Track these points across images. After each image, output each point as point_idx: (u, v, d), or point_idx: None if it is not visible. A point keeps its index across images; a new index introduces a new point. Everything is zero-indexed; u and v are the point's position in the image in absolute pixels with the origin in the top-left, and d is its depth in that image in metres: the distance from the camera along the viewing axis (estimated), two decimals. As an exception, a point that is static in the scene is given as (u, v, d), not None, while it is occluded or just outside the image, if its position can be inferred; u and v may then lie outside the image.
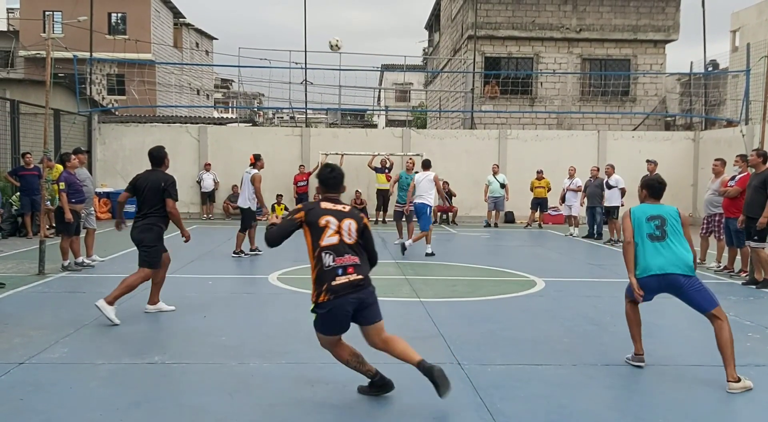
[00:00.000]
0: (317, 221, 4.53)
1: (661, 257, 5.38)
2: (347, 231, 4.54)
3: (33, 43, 31.36)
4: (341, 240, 4.51)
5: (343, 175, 4.87)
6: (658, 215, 5.52)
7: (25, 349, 5.67)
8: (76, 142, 17.56)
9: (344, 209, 4.64)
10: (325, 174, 4.80)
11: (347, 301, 4.48)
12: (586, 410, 4.54)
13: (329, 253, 4.50)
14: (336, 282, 4.45)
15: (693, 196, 20.37)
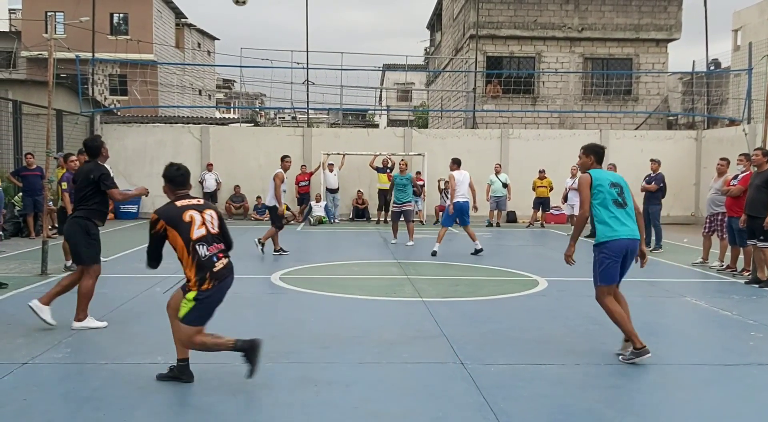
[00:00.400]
0: (181, 218, 4.75)
1: (626, 224, 5.58)
2: (210, 222, 4.85)
3: (35, 44, 31.37)
4: (208, 231, 4.80)
5: (188, 171, 5.10)
6: (618, 183, 5.73)
7: (28, 349, 5.68)
8: (78, 143, 17.53)
9: (200, 202, 4.96)
10: (172, 172, 4.99)
11: (226, 285, 4.85)
12: (589, 409, 4.53)
13: (202, 244, 4.75)
14: (216, 268, 4.74)
15: (695, 195, 20.35)
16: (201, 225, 4.78)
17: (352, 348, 5.93)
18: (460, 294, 8.76)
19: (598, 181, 5.69)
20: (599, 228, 5.68)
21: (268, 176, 19.87)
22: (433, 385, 4.99)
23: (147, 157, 19.97)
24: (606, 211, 5.62)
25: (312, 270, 10.54)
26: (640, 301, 8.40)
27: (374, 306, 7.90)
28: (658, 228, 13.20)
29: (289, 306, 7.90)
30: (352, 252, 12.84)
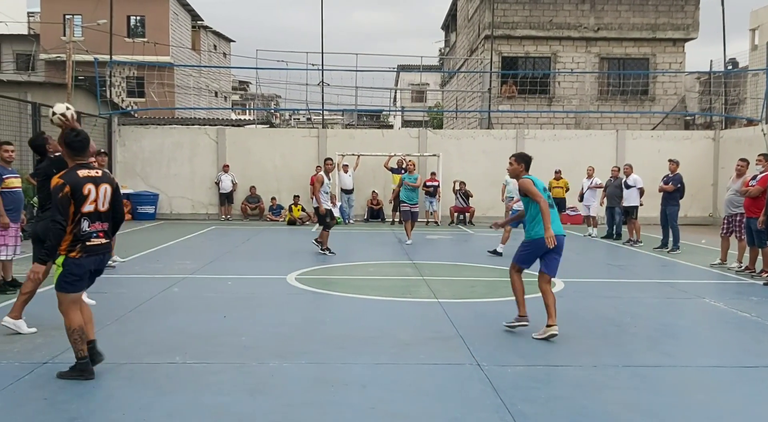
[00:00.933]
0: (81, 190, 4.88)
1: (556, 222, 6.52)
2: (102, 199, 5.00)
3: (53, 47, 31.72)
4: (96, 209, 4.97)
5: (88, 138, 5.14)
6: (546, 187, 6.72)
7: (48, 349, 5.74)
8: (96, 144, 17.70)
9: (98, 174, 5.04)
10: (70, 138, 5.03)
11: (94, 260, 5.02)
12: (606, 411, 4.51)
13: (86, 219, 4.92)
14: (90, 242, 4.95)
15: (713, 195, 20.17)
16: (92, 202, 4.94)
17: (368, 348, 5.93)
18: (476, 295, 8.74)
19: (537, 185, 6.55)
20: (537, 226, 6.47)
21: (283, 177, 20.15)
22: (450, 386, 4.98)
23: (164, 159, 20.11)
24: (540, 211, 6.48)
25: (327, 271, 10.56)
26: (658, 302, 8.36)
27: (390, 307, 7.90)
28: (676, 230, 13.09)
29: (305, 307, 7.93)
30: (367, 253, 12.85)
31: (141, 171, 20.07)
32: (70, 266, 4.91)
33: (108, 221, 5.12)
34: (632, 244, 14.31)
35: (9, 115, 14.89)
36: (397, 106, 45.39)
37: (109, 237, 5.14)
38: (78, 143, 5.05)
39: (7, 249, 8.15)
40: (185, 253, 12.44)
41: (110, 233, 5.17)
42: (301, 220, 18.75)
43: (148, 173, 20.06)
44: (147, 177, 20.06)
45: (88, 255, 4.95)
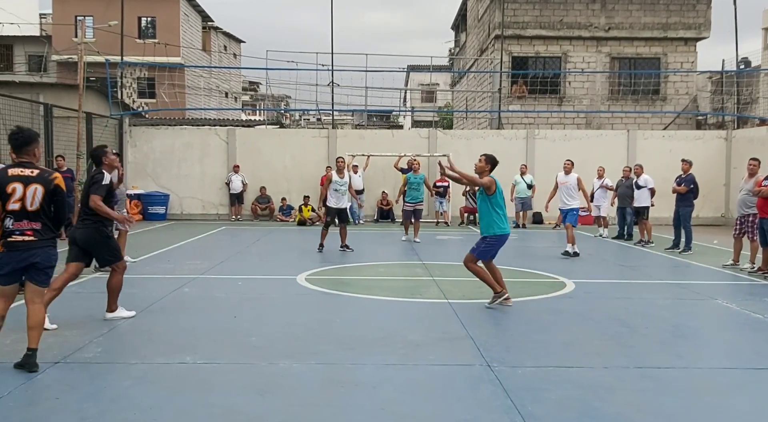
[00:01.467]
0: (5, 188, 4.99)
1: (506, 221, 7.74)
2: (31, 198, 5.01)
3: (65, 48, 31.91)
4: (23, 207, 5.02)
5: (31, 136, 5.23)
6: (502, 191, 7.71)
7: (60, 349, 5.77)
8: (108, 145, 17.81)
9: (32, 174, 5.06)
10: (10, 136, 5.18)
11: (17, 257, 5.08)
12: (618, 413, 4.48)
13: (10, 217, 5.03)
14: (12, 238, 5.04)
15: (725, 196, 20.03)
16: (17, 201, 5.01)
17: (377, 349, 5.93)
18: (486, 295, 8.69)
19: (498, 186, 7.63)
20: (495, 222, 7.58)
21: (293, 177, 20.17)
22: (460, 388, 4.97)
23: (175, 159, 20.19)
24: (501, 210, 7.65)
25: (337, 272, 10.56)
26: (670, 304, 8.31)
27: (399, 308, 7.89)
28: (688, 231, 13.01)
29: (315, 307, 7.93)
30: (376, 254, 12.85)
31: (152, 171, 20.15)
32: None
33: (40, 220, 5.12)
34: (644, 245, 14.23)
35: (21, 115, 14.99)
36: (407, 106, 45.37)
37: (42, 236, 5.14)
38: (14, 141, 5.18)
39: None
40: (196, 254, 12.48)
41: (45, 232, 5.16)
42: (311, 221, 18.76)
43: (158, 173, 20.14)
44: (158, 177, 20.14)
45: (10, 251, 5.06)
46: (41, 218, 5.12)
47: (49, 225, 5.19)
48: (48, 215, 5.16)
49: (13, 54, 36.82)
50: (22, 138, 5.18)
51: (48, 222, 5.18)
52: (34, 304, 5.25)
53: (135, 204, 19.04)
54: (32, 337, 5.17)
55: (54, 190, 5.14)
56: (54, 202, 5.16)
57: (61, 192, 5.17)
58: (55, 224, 5.25)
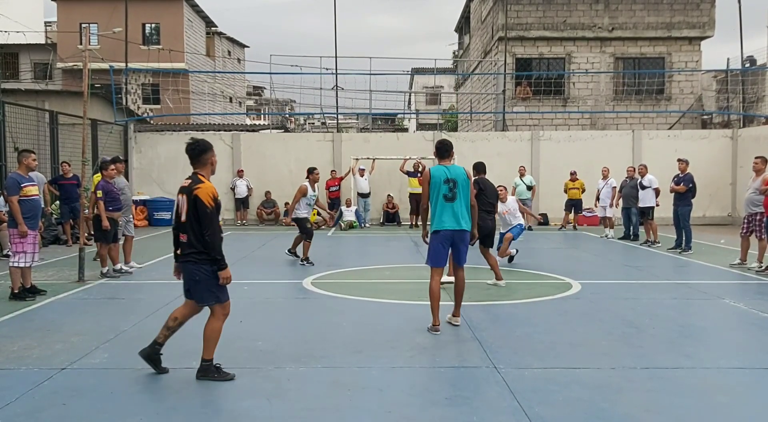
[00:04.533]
0: (177, 200, 5.08)
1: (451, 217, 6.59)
2: (182, 208, 5.00)
3: (70, 55, 32.06)
4: (179, 218, 5.04)
5: (205, 146, 5.15)
6: (453, 178, 6.60)
7: (67, 355, 5.78)
8: (113, 151, 17.89)
9: (185, 184, 5.05)
10: (188, 147, 5.14)
11: (182, 269, 5.13)
12: (625, 414, 4.46)
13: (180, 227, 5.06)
14: (177, 251, 5.13)
15: (732, 195, 19.95)
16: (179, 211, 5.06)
17: (384, 352, 5.92)
18: (492, 297, 8.70)
19: (433, 178, 6.65)
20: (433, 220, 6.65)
21: (298, 182, 19.98)
22: (467, 390, 4.95)
23: (180, 165, 20.16)
24: (437, 205, 6.62)
25: (343, 275, 10.56)
26: (677, 303, 8.27)
27: (406, 311, 7.88)
28: (688, 230, 12.98)
29: (321, 311, 7.92)
30: (383, 257, 12.83)
31: (157, 177, 20.21)
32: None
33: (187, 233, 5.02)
34: (650, 245, 14.18)
35: (27, 123, 15.06)
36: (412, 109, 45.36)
37: (184, 250, 5.06)
38: (190, 151, 5.15)
39: (26, 256, 8.23)
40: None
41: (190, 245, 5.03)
42: (317, 225, 18.76)
43: (164, 179, 20.18)
44: (163, 183, 20.18)
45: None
46: (188, 230, 5.00)
47: (194, 239, 4.97)
48: (192, 227, 4.98)
49: (19, 62, 36.99)
50: (197, 148, 5.12)
51: (193, 235, 4.97)
52: (209, 319, 5.21)
53: (140, 210, 19.09)
54: (204, 348, 5.17)
55: (195, 200, 4.95)
56: (196, 213, 4.95)
57: (202, 204, 4.92)
58: (200, 237, 4.98)
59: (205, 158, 5.14)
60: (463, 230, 6.64)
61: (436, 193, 6.61)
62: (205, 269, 5.00)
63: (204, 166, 5.15)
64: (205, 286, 5.04)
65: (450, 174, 6.64)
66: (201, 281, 5.02)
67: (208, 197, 4.93)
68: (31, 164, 8.43)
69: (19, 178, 8.23)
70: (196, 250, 4.98)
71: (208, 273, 5.01)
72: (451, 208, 6.56)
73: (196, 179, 5.04)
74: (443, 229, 6.59)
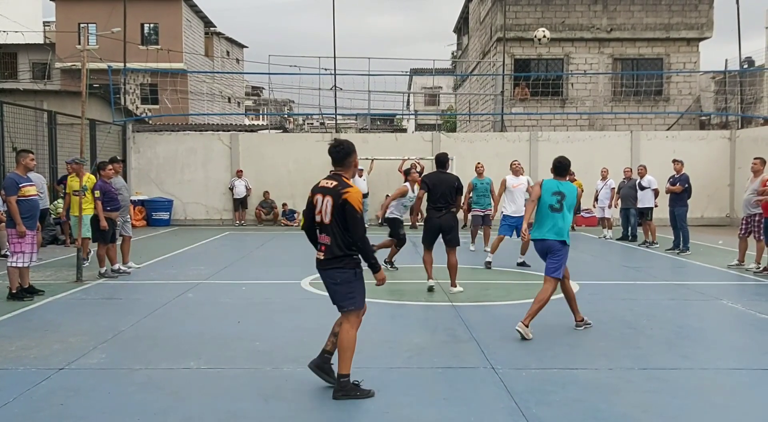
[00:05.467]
0: (312, 199, 4.96)
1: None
2: (324, 209, 4.83)
3: (69, 55, 32.04)
4: (321, 220, 4.86)
5: (351, 148, 4.98)
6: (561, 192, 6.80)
7: (65, 355, 5.78)
8: (111, 151, 17.88)
9: (329, 185, 4.88)
10: (332, 148, 5.01)
11: (322, 274, 4.97)
12: (623, 414, 4.47)
13: (318, 228, 4.93)
14: (316, 255, 4.96)
15: (730, 196, 19.96)
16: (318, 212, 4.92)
17: (382, 352, 5.92)
18: (490, 298, 8.70)
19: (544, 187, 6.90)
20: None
21: (297, 182, 20.17)
22: (464, 390, 4.96)
23: (178, 165, 20.22)
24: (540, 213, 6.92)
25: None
26: (675, 304, 8.28)
27: (404, 311, 7.88)
28: (685, 231, 13.00)
29: (320, 312, 7.89)
30: (381, 257, 12.81)
31: (155, 177, 20.19)
32: None
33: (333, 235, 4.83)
34: (648, 246, 14.19)
35: (26, 123, 15.05)
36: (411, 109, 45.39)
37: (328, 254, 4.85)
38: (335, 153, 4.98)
39: (24, 256, 8.23)
40: (200, 259, 12.48)
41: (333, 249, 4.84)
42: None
43: (162, 179, 20.18)
44: (161, 183, 20.17)
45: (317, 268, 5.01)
46: (332, 232, 4.80)
47: (339, 241, 4.80)
48: (336, 230, 4.79)
49: (17, 62, 36.97)
50: (342, 151, 4.94)
51: (337, 237, 4.80)
52: (343, 325, 4.94)
53: (139, 210, 19.08)
54: (339, 361, 4.86)
55: (344, 204, 4.75)
56: (343, 217, 4.76)
57: (352, 208, 4.74)
58: (344, 240, 4.81)
59: (349, 161, 4.97)
60: (555, 240, 6.82)
61: (543, 203, 6.84)
62: (347, 272, 4.83)
63: (348, 169, 4.98)
64: (345, 290, 4.85)
65: (560, 188, 6.82)
66: (341, 284, 4.85)
67: (358, 202, 4.80)
68: (29, 164, 8.43)
69: (17, 178, 8.23)
70: (341, 254, 4.81)
71: (349, 276, 4.84)
72: (556, 217, 6.76)
73: (343, 182, 4.85)
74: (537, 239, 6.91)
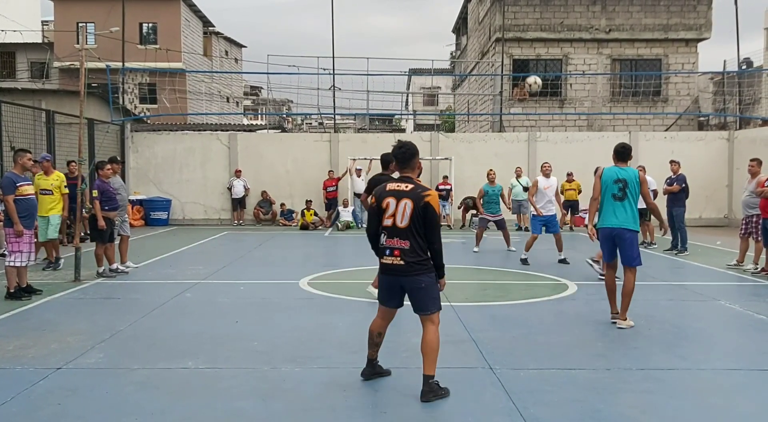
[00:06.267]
0: (381, 202, 4.83)
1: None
2: (402, 213, 4.73)
3: (67, 55, 32.02)
4: (394, 224, 4.75)
5: (412, 150, 4.92)
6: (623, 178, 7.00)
7: (62, 354, 5.78)
8: (109, 151, 17.87)
9: (405, 188, 4.79)
10: (396, 150, 4.95)
11: (392, 280, 4.89)
12: (621, 415, 4.47)
13: (384, 233, 4.83)
14: (383, 260, 4.87)
15: (728, 196, 19.99)
16: (390, 216, 4.84)
17: (380, 352, 5.90)
18: (488, 298, 8.71)
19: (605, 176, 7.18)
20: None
21: (295, 182, 20.19)
22: (462, 390, 4.96)
23: (176, 164, 20.21)
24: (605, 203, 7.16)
25: (340, 275, 10.56)
26: (673, 305, 8.29)
27: (402, 311, 7.85)
28: (683, 231, 13.01)
29: (318, 312, 7.92)
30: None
31: (154, 177, 20.18)
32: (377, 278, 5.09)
33: (412, 239, 4.77)
34: (646, 246, 14.20)
35: (24, 122, 15.03)
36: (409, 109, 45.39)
37: (406, 259, 4.75)
38: (400, 155, 4.92)
39: (21, 255, 8.22)
40: (198, 259, 12.48)
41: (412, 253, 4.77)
42: (313, 225, 18.77)
43: (160, 179, 20.17)
44: (160, 183, 20.16)
45: (383, 272, 4.97)
46: (411, 237, 4.73)
47: (418, 246, 4.75)
48: (416, 234, 4.73)
49: (16, 61, 36.95)
50: (408, 152, 4.89)
51: (417, 242, 4.74)
52: (428, 327, 4.87)
53: (137, 209, 19.07)
54: (424, 362, 4.82)
55: (424, 207, 4.69)
56: (424, 220, 4.71)
57: (434, 211, 4.71)
58: (424, 244, 4.77)
59: (414, 162, 4.93)
60: (623, 228, 7.00)
61: (605, 192, 7.06)
62: (431, 275, 4.83)
63: (413, 170, 4.95)
64: (430, 293, 4.84)
65: (621, 175, 7.03)
66: (426, 288, 4.82)
67: (438, 205, 4.80)
68: (26, 164, 8.44)
69: (15, 177, 8.23)
70: (423, 257, 4.78)
71: (432, 279, 4.85)
72: (621, 206, 6.98)
73: (419, 185, 4.82)
74: (603, 227, 7.11)
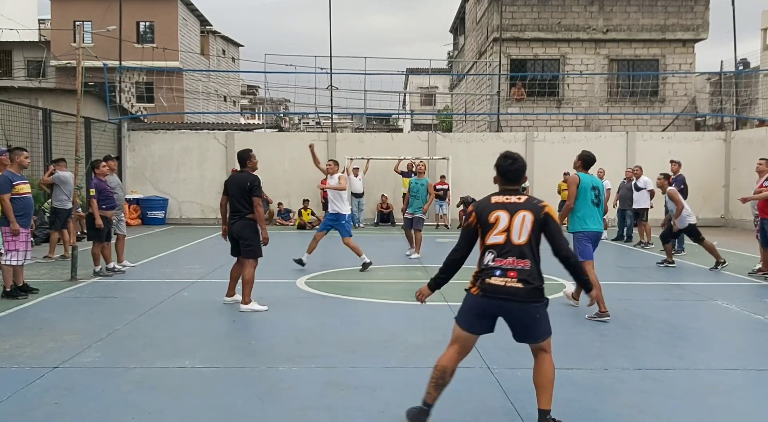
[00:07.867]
0: (487, 218, 4.14)
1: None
2: (520, 227, 4.07)
3: (64, 53, 31.95)
4: (508, 240, 4.08)
5: (524, 164, 4.30)
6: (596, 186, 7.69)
7: (59, 354, 5.76)
8: (106, 150, 17.84)
9: (518, 200, 4.15)
10: (502, 164, 4.28)
11: (493, 304, 4.16)
12: (618, 415, 4.47)
13: (491, 252, 4.12)
14: (489, 280, 4.09)
15: (725, 197, 20.01)
16: (502, 232, 4.18)
17: (378, 352, 5.91)
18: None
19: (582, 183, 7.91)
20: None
21: (292, 181, 20.17)
22: (460, 390, 4.95)
23: (173, 163, 20.18)
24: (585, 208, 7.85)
25: (337, 275, 10.55)
26: (670, 305, 8.30)
27: (400, 311, 7.88)
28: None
29: (315, 311, 7.91)
30: (377, 257, 12.80)
31: (151, 176, 20.15)
32: (465, 299, 4.48)
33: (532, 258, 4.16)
34: (643, 246, 14.22)
35: (20, 121, 15.00)
36: (407, 109, 45.39)
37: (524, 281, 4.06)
38: (512, 173, 4.25)
39: (18, 254, 8.19)
40: (195, 258, 12.46)
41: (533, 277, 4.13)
42: (311, 224, 18.75)
43: (157, 178, 20.14)
44: (156, 182, 20.13)
45: (484, 295, 4.22)
46: (530, 255, 4.09)
47: (537, 266, 4.14)
48: (535, 252, 4.13)
49: (12, 59, 36.86)
50: (522, 167, 4.29)
51: (537, 261, 4.15)
52: (545, 357, 4.31)
53: (134, 208, 19.04)
54: (540, 396, 4.21)
55: (545, 218, 4.11)
56: (550, 234, 4.16)
57: (554, 221, 4.15)
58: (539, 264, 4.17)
59: (523, 177, 4.34)
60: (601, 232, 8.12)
61: (585, 198, 7.71)
62: (546, 303, 4.17)
63: (519, 185, 4.33)
64: (545, 322, 4.23)
65: (595, 182, 7.84)
66: (542, 318, 4.20)
67: (556, 215, 4.25)
68: (23, 162, 8.40)
69: (11, 175, 8.20)
70: (541, 284, 4.12)
71: (545, 306, 4.18)
72: (597, 211, 7.84)
73: (532, 197, 4.26)
74: (591, 230, 7.87)
